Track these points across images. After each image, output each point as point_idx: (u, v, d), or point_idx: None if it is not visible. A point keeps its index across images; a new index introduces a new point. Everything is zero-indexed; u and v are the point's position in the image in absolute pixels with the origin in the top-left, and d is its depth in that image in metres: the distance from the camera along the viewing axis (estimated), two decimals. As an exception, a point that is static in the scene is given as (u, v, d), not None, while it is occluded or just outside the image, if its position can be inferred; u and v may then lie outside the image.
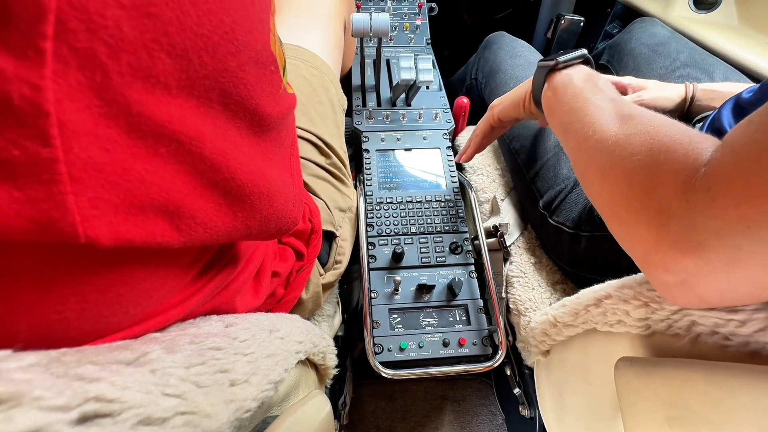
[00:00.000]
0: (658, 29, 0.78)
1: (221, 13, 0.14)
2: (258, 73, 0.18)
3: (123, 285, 0.17)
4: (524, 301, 0.57)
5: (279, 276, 0.40)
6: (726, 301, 0.24)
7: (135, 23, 0.12)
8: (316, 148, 0.54)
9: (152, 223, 0.15)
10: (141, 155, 0.13)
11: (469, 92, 0.87)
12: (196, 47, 0.14)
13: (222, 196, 0.18)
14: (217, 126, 0.16)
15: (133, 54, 0.12)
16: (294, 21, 0.59)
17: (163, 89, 0.13)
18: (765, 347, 0.23)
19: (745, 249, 0.20)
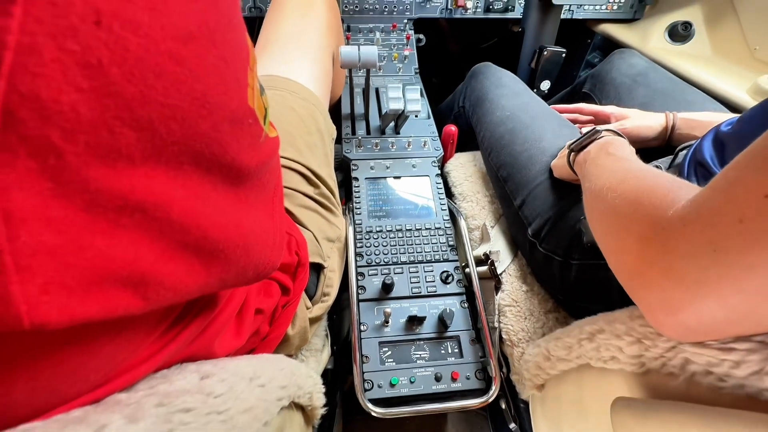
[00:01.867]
0: (636, 60, 0.81)
1: (191, 81, 0.14)
2: (233, 129, 0.17)
3: (81, 356, 0.15)
4: (517, 332, 0.55)
5: (263, 313, 0.39)
6: (709, 330, 0.24)
7: (93, 104, 0.11)
8: (305, 178, 0.53)
9: (114, 296, 0.14)
10: (101, 230, 0.12)
11: (457, 120, 0.89)
12: (162, 117, 0.13)
13: (194, 256, 0.18)
14: (187, 188, 0.16)
15: (92, 134, 0.11)
16: (283, 53, 0.60)
17: (126, 162, 0.12)
18: (761, 393, 0.22)
19: (712, 271, 0.22)
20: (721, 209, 0.21)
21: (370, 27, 0.99)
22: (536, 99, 0.73)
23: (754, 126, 0.38)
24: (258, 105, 0.21)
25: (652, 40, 0.95)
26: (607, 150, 0.43)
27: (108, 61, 0.12)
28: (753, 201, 0.20)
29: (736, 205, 0.20)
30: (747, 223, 0.20)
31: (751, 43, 0.82)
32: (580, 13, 1.02)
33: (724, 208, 0.21)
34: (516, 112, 0.69)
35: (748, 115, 0.41)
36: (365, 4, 0.97)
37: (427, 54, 1.10)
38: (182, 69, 0.14)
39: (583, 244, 0.50)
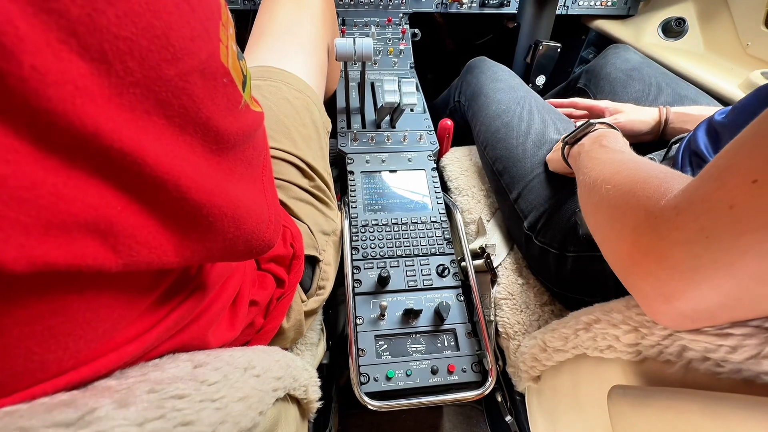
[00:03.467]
0: (631, 55, 0.82)
1: (148, 15, 0.13)
2: (206, 84, 0.17)
3: (54, 316, 0.15)
4: (513, 324, 0.55)
5: (258, 305, 0.38)
6: (705, 316, 0.24)
7: (32, 20, 0.11)
8: (299, 170, 0.53)
9: (79, 243, 0.13)
10: (54, 167, 0.12)
11: (452, 114, 0.89)
12: (117, 51, 0.12)
13: (169, 216, 0.17)
14: (162, 142, 0.15)
15: (36, 55, 0.11)
16: (278, 45, 0.59)
17: (82, 97, 0.12)
18: (759, 376, 0.22)
19: (705, 257, 0.22)
20: (712, 196, 0.21)
21: (366, 21, 0.98)
22: (532, 93, 0.72)
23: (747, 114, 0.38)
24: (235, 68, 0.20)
25: (645, 36, 0.96)
26: (601, 142, 0.43)
27: None
28: (742, 187, 0.20)
29: (727, 191, 0.20)
30: (737, 209, 0.20)
31: (743, 38, 0.83)
32: (575, 9, 1.02)
33: (715, 195, 0.21)
34: (511, 106, 0.68)
35: (741, 104, 0.41)
36: (360, -2, 0.97)
37: (423, 49, 1.10)
38: (149, 14, 0.13)
39: (579, 236, 0.50)
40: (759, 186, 0.19)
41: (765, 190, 0.19)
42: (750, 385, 0.22)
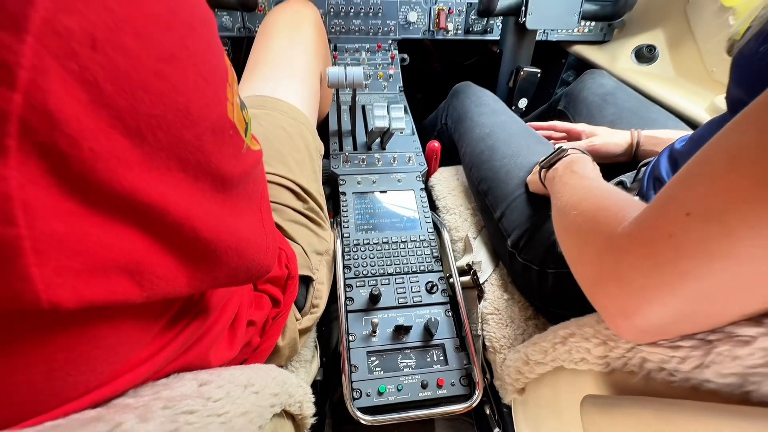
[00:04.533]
0: (606, 80, 0.87)
1: (174, 95, 0.16)
2: (216, 140, 0.20)
3: (89, 343, 0.17)
4: (499, 338, 0.58)
5: (255, 325, 0.40)
6: (658, 331, 0.27)
7: (93, 115, 0.13)
8: (294, 193, 0.55)
9: (114, 282, 0.16)
10: (99, 223, 0.14)
11: (440, 135, 0.93)
12: (150, 126, 0.15)
13: (183, 253, 0.20)
14: (180, 191, 0.18)
15: (92, 140, 0.13)
16: (273, 75, 0.62)
17: (122, 166, 0.15)
18: (702, 383, 0.25)
19: (653, 279, 0.24)
20: (656, 225, 0.24)
21: (357, 47, 1.03)
22: (514, 117, 0.77)
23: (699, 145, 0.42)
24: (239, 119, 0.23)
25: (620, 61, 1.02)
26: (572, 168, 0.47)
27: (102, 79, 0.14)
28: (678, 218, 0.23)
29: (666, 221, 0.24)
30: (674, 238, 0.23)
31: (708, 65, 0.89)
32: (554, 36, 1.08)
33: (658, 224, 0.24)
34: (495, 130, 0.73)
35: (698, 133, 0.45)
36: (351, 25, 1.01)
37: (412, 71, 1.15)
38: (166, 84, 0.16)
39: (558, 253, 0.54)
40: (692, 218, 0.23)
41: (697, 221, 0.22)
42: (697, 391, 0.25)
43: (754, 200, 0.20)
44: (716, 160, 0.23)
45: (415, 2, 1.02)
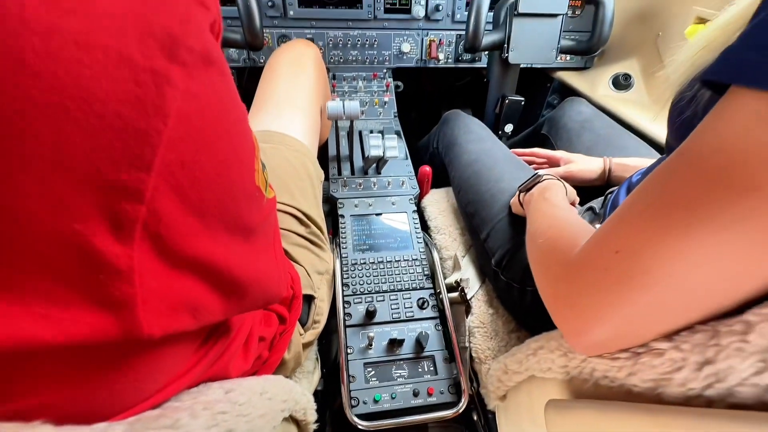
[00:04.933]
0: (584, 108, 0.94)
1: (226, 183, 0.22)
2: (247, 203, 0.26)
3: (155, 360, 0.23)
4: (484, 350, 0.64)
5: (265, 340, 0.46)
6: (603, 346, 0.32)
7: (180, 209, 0.19)
8: (297, 219, 0.62)
9: (182, 317, 0.22)
10: (176, 278, 0.20)
11: (432, 159, 0.99)
12: (210, 207, 0.21)
13: (222, 291, 0.26)
14: (222, 246, 0.24)
15: (179, 225, 0.19)
16: (277, 111, 0.69)
17: (192, 237, 0.20)
18: (631, 388, 0.31)
19: (595, 304, 0.29)
20: (594, 258, 0.30)
21: (354, 75, 1.10)
22: (498, 144, 0.84)
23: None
24: (261, 180, 0.29)
25: (599, 88, 1.09)
26: (545, 195, 0.53)
27: (187, 186, 0.20)
28: (610, 254, 0.29)
29: (601, 257, 0.29)
30: (609, 271, 0.29)
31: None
32: (537, 64, 1.16)
33: (595, 257, 0.30)
34: (481, 157, 0.79)
35: (648, 169, 0.52)
36: (349, 56, 1.09)
37: (406, 92, 1.22)
38: (224, 180, 0.22)
39: (535, 273, 0.60)
40: (620, 255, 0.29)
41: (623, 258, 0.28)
42: (629, 394, 0.31)
43: (663, 243, 0.25)
44: (635, 207, 0.29)
45: (408, 34, 1.09)
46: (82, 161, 0.15)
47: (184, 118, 0.17)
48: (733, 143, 0.22)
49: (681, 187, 0.25)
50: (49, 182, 0.14)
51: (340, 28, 1.06)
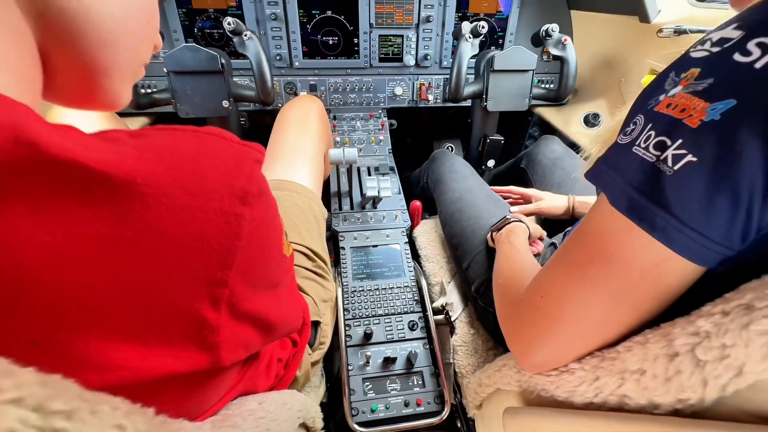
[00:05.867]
0: (556, 146, 1.06)
1: (269, 263, 0.34)
2: (279, 269, 0.37)
3: (221, 381, 0.34)
4: (466, 366, 0.74)
5: (281, 361, 0.57)
6: (543, 366, 0.43)
7: (244, 284, 0.31)
8: (306, 256, 0.73)
9: (241, 351, 0.33)
10: (238, 326, 0.31)
11: (423, 191, 1.11)
12: (259, 279, 0.32)
13: (262, 331, 0.37)
14: (262, 300, 0.35)
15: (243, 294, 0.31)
16: (288, 161, 0.81)
17: (248, 300, 0.31)
18: (557, 397, 0.42)
19: (534, 334, 0.40)
20: (529, 300, 0.41)
21: (352, 116, 1.23)
22: (480, 183, 0.96)
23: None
24: (286, 248, 0.41)
25: (572, 125, 1.22)
26: (509, 237, 0.64)
27: (250, 272, 0.31)
28: (537, 298, 0.40)
29: (533, 299, 0.40)
30: (538, 310, 0.40)
31: (640, 132, 1.08)
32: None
33: (529, 299, 0.41)
34: (463, 195, 0.91)
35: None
36: (348, 99, 1.22)
37: (402, 121, 1.35)
38: (268, 261, 0.33)
39: (506, 300, 0.71)
40: (544, 299, 0.40)
41: (546, 301, 0.39)
42: (558, 402, 0.42)
43: (568, 292, 0.37)
44: (555, 262, 0.40)
45: (400, 79, 1.22)
46: (198, 267, 0.26)
47: (250, 235, 0.29)
48: (599, 228, 0.34)
49: (576, 252, 0.37)
50: (181, 279, 0.25)
51: (340, 75, 1.19)
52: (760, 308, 0.22)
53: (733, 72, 0.26)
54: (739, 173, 0.25)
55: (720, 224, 0.27)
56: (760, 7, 0.29)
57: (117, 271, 0.22)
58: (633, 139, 0.32)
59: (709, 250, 0.28)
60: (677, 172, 0.28)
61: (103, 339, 0.22)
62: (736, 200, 0.26)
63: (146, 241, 0.23)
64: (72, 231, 0.21)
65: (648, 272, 0.31)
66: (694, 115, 0.27)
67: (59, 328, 0.21)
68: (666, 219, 0.28)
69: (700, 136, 0.27)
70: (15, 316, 0.20)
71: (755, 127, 0.25)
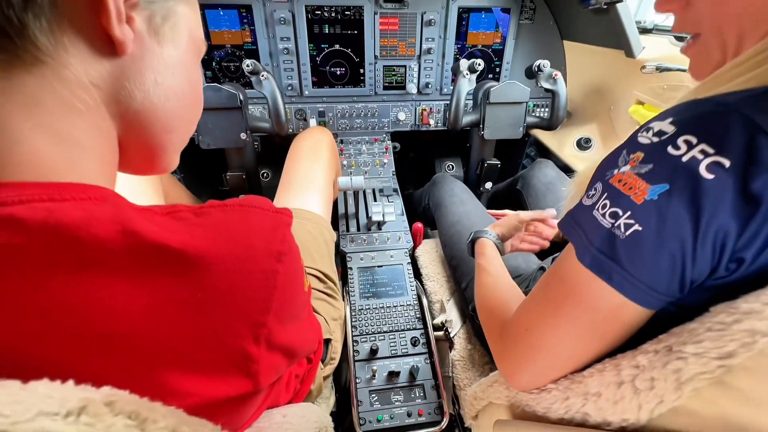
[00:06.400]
0: (549, 170, 1.14)
1: (296, 302, 0.41)
2: (301, 303, 0.44)
3: (257, 400, 0.41)
4: (463, 379, 0.81)
5: (298, 377, 0.64)
6: (527, 385, 0.50)
7: (277, 324, 0.38)
8: (318, 278, 0.80)
9: (273, 376, 0.40)
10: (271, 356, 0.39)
11: (425, 212, 1.19)
12: (288, 316, 0.39)
13: (289, 357, 0.44)
14: (288, 331, 0.42)
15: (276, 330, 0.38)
16: (301, 191, 0.89)
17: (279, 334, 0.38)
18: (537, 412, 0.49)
19: (519, 356, 0.47)
20: (513, 330, 0.48)
21: (358, 140, 1.31)
22: (477, 207, 1.03)
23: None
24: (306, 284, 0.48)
25: (566, 148, 1.29)
26: (482, 251, 0.71)
27: (282, 313, 0.39)
28: (521, 330, 0.47)
29: (517, 329, 0.47)
30: (520, 339, 0.47)
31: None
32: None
33: (514, 329, 0.48)
34: (461, 219, 0.98)
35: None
36: (354, 124, 1.30)
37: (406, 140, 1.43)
38: (296, 302, 0.41)
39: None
40: (527, 330, 0.47)
41: (528, 332, 0.47)
42: (537, 416, 0.49)
43: (545, 324, 0.44)
44: (534, 298, 0.47)
45: (403, 105, 1.30)
46: (245, 314, 0.33)
47: (283, 284, 0.36)
48: (570, 275, 0.41)
49: (552, 293, 0.44)
50: (233, 324, 0.33)
51: (347, 102, 1.27)
52: (675, 351, 0.29)
53: (667, 162, 0.34)
54: (674, 241, 0.33)
55: (662, 279, 0.34)
56: (691, 105, 0.36)
57: (190, 323, 0.30)
58: (593, 203, 0.39)
59: (655, 298, 0.35)
60: (628, 237, 0.35)
61: (179, 372, 0.30)
62: (673, 261, 0.33)
63: (210, 299, 0.30)
64: (160, 296, 0.28)
65: (610, 314, 0.38)
66: (639, 194, 0.35)
67: (152, 366, 0.29)
68: (621, 273, 0.36)
69: (644, 211, 0.34)
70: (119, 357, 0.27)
71: (684, 207, 0.32)
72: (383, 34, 1.18)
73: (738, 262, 0.31)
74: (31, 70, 0.27)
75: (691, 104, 0.36)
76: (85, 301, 0.25)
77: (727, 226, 0.31)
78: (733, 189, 0.30)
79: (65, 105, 0.29)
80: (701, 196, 0.31)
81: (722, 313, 0.27)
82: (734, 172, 0.30)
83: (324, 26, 1.15)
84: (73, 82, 0.29)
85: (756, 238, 0.30)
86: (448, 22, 1.19)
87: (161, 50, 0.34)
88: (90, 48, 0.29)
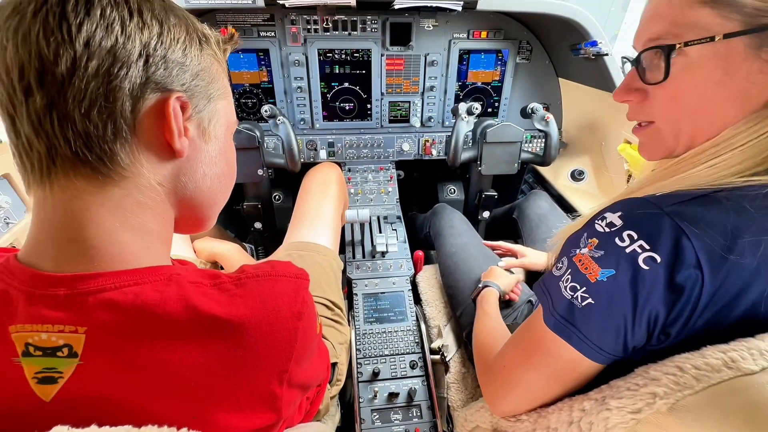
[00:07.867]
0: (543, 202, 1.22)
1: (310, 347, 0.50)
2: (315, 346, 0.53)
3: (280, 428, 0.50)
4: (457, 400, 0.89)
5: (309, 399, 0.73)
6: (508, 414, 0.58)
7: (296, 367, 0.47)
8: (326, 306, 0.89)
9: (293, 407, 0.49)
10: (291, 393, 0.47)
11: (426, 238, 1.27)
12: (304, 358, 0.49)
13: (303, 389, 0.53)
14: (304, 369, 0.51)
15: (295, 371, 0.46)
16: (311, 225, 0.98)
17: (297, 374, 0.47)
18: (513, 439, 0.57)
19: (500, 392, 0.55)
20: (496, 367, 0.57)
21: (364, 168, 1.40)
22: (474, 238, 1.11)
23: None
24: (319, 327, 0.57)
25: (560, 178, 1.37)
26: (482, 304, 0.80)
27: (300, 359, 0.48)
28: (501, 367, 0.55)
29: (498, 367, 0.56)
30: (499, 375, 0.55)
31: (618, 189, 1.23)
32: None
33: (496, 366, 0.56)
34: (458, 251, 1.07)
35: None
36: (361, 153, 1.39)
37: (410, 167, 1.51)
38: (312, 347, 0.50)
39: (490, 347, 0.86)
40: (505, 368, 0.55)
41: (506, 371, 0.55)
42: (513, 442, 0.57)
43: (519, 366, 0.52)
44: (513, 342, 0.56)
45: (407, 136, 1.40)
46: (273, 364, 0.42)
47: (302, 338, 0.45)
48: (539, 331, 0.49)
49: (525, 342, 0.52)
50: (264, 373, 0.42)
51: (354, 134, 1.37)
52: (606, 402, 0.38)
53: (614, 251, 0.41)
54: (618, 315, 0.41)
55: (609, 342, 0.42)
56: (638, 203, 0.44)
57: (233, 373, 0.39)
58: (560, 275, 0.47)
59: (603, 356, 0.43)
60: (584, 308, 0.43)
61: (224, 411, 0.39)
62: (618, 330, 0.41)
63: (248, 355, 0.40)
64: (212, 354, 0.38)
65: (569, 364, 0.46)
66: (593, 274, 0.43)
67: (206, 407, 0.38)
68: (578, 335, 0.44)
69: (596, 288, 0.42)
70: (185, 402, 0.37)
71: (626, 289, 0.40)
72: (389, 73, 1.28)
73: (666, 335, 0.40)
74: (118, 183, 0.36)
75: (638, 202, 0.43)
76: (162, 360, 0.35)
77: (658, 308, 0.39)
78: (663, 279, 0.38)
79: (140, 205, 0.38)
80: (639, 283, 0.39)
81: (638, 376, 0.35)
82: (664, 266, 0.38)
83: (335, 67, 1.25)
84: (146, 186, 0.38)
85: (679, 318, 0.38)
86: (449, 62, 1.28)
87: (207, 146, 0.44)
88: (157, 157, 0.38)
